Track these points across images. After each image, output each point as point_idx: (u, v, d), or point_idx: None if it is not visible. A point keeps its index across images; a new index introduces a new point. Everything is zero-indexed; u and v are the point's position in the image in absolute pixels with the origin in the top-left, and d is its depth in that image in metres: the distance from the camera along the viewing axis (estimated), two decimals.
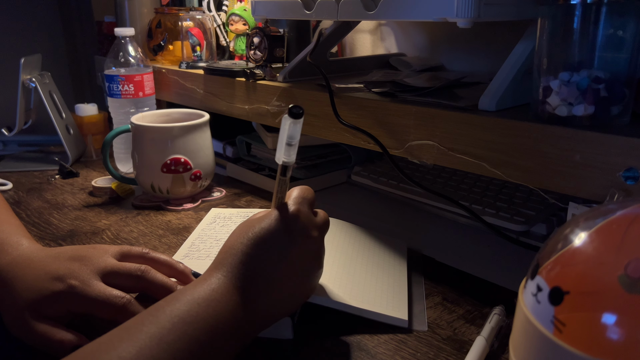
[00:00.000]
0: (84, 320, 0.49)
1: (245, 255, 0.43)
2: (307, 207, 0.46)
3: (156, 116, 0.86)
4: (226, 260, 0.43)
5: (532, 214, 0.69)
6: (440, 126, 0.58)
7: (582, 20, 0.48)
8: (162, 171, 0.79)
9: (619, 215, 0.32)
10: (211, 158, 0.84)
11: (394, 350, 0.48)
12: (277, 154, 0.45)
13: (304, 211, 0.46)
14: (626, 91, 0.49)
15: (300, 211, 0.45)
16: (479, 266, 0.63)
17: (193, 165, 0.80)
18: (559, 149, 0.49)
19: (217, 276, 0.42)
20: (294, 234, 0.44)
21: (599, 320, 0.29)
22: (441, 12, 0.54)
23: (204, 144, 0.82)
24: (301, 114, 0.43)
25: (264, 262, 0.43)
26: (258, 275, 0.43)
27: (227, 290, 0.41)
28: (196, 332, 0.37)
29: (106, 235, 0.72)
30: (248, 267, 0.42)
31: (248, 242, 0.43)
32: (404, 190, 0.81)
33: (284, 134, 0.44)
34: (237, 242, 0.44)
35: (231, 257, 0.43)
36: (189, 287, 0.41)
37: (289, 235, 0.44)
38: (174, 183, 0.80)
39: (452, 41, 0.94)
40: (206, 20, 1.00)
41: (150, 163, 0.79)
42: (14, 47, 1.35)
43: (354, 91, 0.70)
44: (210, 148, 0.84)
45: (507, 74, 0.57)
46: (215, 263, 0.44)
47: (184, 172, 0.80)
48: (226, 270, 0.42)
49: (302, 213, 0.45)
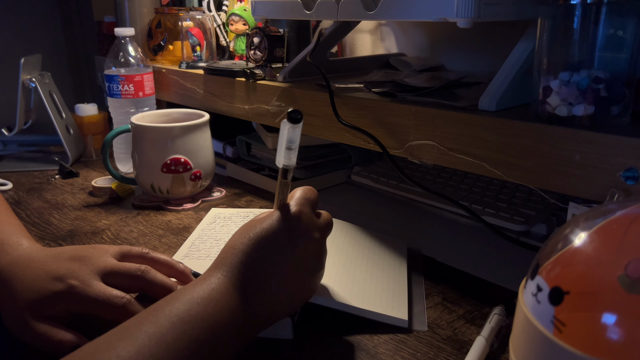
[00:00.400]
0: (84, 320, 0.49)
1: (246, 255, 0.43)
2: (309, 208, 0.46)
3: (156, 116, 0.86)
4: (226, 260, 0.43)
5: (532, 214, 0.69)
6: (440, 126, 0.58)
7: (582, 20, 0.48)
8: (162, 171, 0.79)
9: (619, 215, 0.32)
10: (211, 158, 0.84)
11: (394, 350, 0.48)
12: (277, 158, 0.45)
13: (306, 212, 0.45)
14: (626, 91, 0.49)
15: (302, 212, 0.45)
16: (479, 266, 0.63)
17: (193, 165, 0.80)
18: (559, 149, 0.49)
19: (217, 276, 0.42)
20: (296, 235, 0.44)
21: (599, 320, 0.29)
22: (441, 12, 0.54)
23: (204, 144, 0.82)
24: (300, 118, 0.43)
25: (265, 262, 0.43)
26: (258, 276, 0.43)
27: (227, 290, 0.41)
28: (195, 331, 0.37)
29: (106, 235, 0.72)
30: (248, 267, 0.42)
31: (249, 242, 0.43)
32: (404, 190, 0.81)
33: (283, 138, 0.44)
34: (238, 242, 0.44)
35: (231, 257, 0.43)
36: (188, 286, 0.41)
37: (290, 236, 0.44)
38: (174, 183, 0.80)
39: (452, 41, 0.94)
40: (206, 20, 1.00)
41: (150, 163, 0.79)
42: (14, 47, 1.35)
43: (354, 91, 0.70)
44: (210, 148, 0.84)
45: (507, 74, 0.57)
46: (215, 263, 0.44)
47: (184, 172, 0.80)
48: (226, 270, 0.42)
49: (304, 214, 0.45)
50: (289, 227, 0.44)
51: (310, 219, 0.46)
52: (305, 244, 0.44)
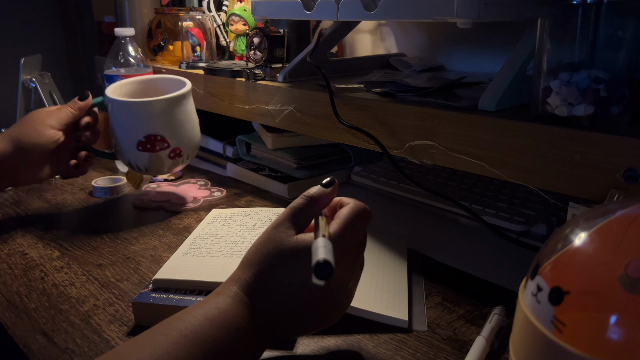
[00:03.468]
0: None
1: (270, 275, 0.41)
2: (353, 243, 0.43)
3: (134, 85, 0.80)
4: (245, 274, 0.42)
5: (532, 214, 0.69)
6: (440, 126, 0.58)
7: (582, 20, 0.48)
8: (137, 149, 0.74)
9: (619, 215, 0.32)
10: (193, 132, 0.78)
11: (394, 350, 0.48)
12: None
13: (347, 260, 0.42)
14: (626, 91, 0.49)
15: (342, 259, 0.41)
16: (479, 266, 0.63)
17: (172, 143, 0.75)
18: (559, 149, 0.49)
19: (233, 289, 0.42)
20: None
21: (599, 320, 0.29)
22: (441, 12, 0.54)
23: (185, 118, 0.76)
24: (329, 273, 0.35)
25: (287, 289, 0.41)
26: (278, 302, 0.41)
27: (242, 312, 0.40)
28: (204, 347, 0.37)
29: (106, 235, 0.72)
30: (270, 293, 0.41)
31: (274, 262, 0.41)
32: (404, 190, 0.81)
33: None
34: (261, 256, 0.42)
35: (250, 272, 0.42)
36: (204, 301, 0.41)
37: None
38: (152, 161, 0.75)
39: (452, 41, 0.94)
40: (206, 20, 1.00)
41: (124, 140, 0.75)
42: (14, 47, 1.35)
43: (354, 91, 0.70)
44: (192, 122, 0.78)
45: (507, 74, 0.57)
46: (237, 274, 0.43)
47: (160, 150, 0.74)
48: (240, 285, 0.42)
49: (344, 261, 0.42)
50: None
51: (348, 267, 0.42)
52: (332, 285, 0.42)
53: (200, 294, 0.52)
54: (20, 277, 0.61)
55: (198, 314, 0.39)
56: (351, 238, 0.42)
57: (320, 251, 0.36)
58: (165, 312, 0.50)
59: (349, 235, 0.42)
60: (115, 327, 0.51)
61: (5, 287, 0.59)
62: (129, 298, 0.56)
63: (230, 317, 0.39)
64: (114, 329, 0.51)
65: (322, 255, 0.35)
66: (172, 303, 0.51)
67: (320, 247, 0.37)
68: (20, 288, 0.59)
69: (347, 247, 0.42)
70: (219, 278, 0.53)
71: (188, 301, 0.51)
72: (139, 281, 0.60)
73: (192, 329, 0.38)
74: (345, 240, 0.41)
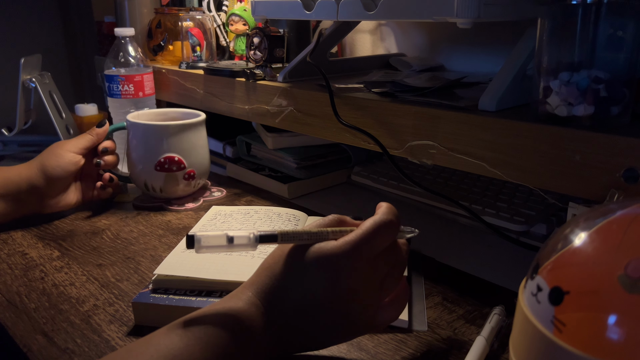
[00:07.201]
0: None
1: (284, 282, 0.42)
2: (371, 255, 0.42)
3: (153, 115, 0.86)
4: (260, 279, 0.43)
5: (532, 214, 0.69)
6: (440, 126, 0.58)
7: (582, 20, 0.48)
8: (155, 169, 0.79)
9: (619, 215, 0.32)
10: (206, 157, 0.85)
11: (394, 350, 0.48)
12: None
13: (364, 272, 0.42)
14: (626, 91, 0.49)
15: (357, 270, 0.41)
16: (479, 266, 0.63)
17: (187, 164, 0.80)
18: (559, 149, 0.49)
19: (247, 295, 0.42)
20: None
21: (599, 320, 0.29)
22: (441, 12, 0.54)
23: (199, 143, 0.82)
24: None
25: (301, 295, 0.41)
26: (291, 308, 0.42)
27: (254, 316, 0.41)
28: (217, 350, 0.38)
29: (106, 235, 0.72)
30: (283, 299, 0.42)
31: (290, 268, 0.42)
32: (404, 190, 0.81)
33: None
34: (281, 263, 0.42)
35: (266, 277, 0.43)
36: (216, 304, 0.41)
37: (339, 278, 0.41)
38: (167, 182, 0.80)
39: (452, 41, 0.94)
40: (206, 20, 1.00)
41: (144, 161, 0.80)
42: (14, 47, 1.35)
43: (354, 91, 0.70)
44: (205, 147, 0.84)
45: (507, 74, 0.57)
46: (253, 279, 0.43)
47: (177, 171, 0.80)
48: (254, 290, 0.42)
49: (360, 273, 0.42)
50: (342, 267, 0.41)
51: (362, 271, 0.42)
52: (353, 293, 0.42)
53: (200, 294, 0.52)
54: (20, 277, 0.61)
55: (210, 316, 0.39)
56: (368, 249, 0.42)
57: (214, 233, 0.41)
58: (165, 312, 0.51)
59: (365, 246, 0.41)
60: (115, 327, 0.51)
61: (5, 287, 0.59)
62: (129, 298, 0.56)
63: (243, 322, 0.40)
64: (114, 329, 0.51)
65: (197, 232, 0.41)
66: (172, 303, 0.51)
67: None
68: (20, 288, 0.59)
69: (363, 258, 0.41)
70: (219, 276, 0.53)
71: (188, 301, 0.51)
72: (139, 281, 0.60)
73: (206, 331, 0.38)
74: (360, 251, 0.41)
